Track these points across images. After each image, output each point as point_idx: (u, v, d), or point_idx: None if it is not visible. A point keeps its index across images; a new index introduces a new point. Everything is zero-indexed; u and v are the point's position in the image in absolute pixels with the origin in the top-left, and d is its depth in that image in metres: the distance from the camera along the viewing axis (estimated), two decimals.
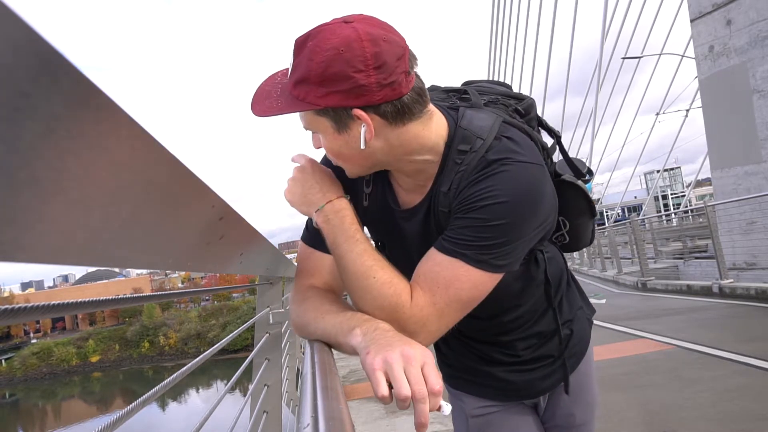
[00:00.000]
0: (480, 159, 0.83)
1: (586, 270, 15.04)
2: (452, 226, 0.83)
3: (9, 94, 0.22)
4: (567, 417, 1.16)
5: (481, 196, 0.80)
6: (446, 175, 0.86)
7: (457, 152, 0.85)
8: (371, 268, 0.83)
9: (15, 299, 51.80)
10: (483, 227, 0.79)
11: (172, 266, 0.58)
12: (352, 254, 0.83)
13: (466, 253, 0.80)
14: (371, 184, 0.97)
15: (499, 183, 0.80)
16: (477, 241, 0.80)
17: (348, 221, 0.86)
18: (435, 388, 0.66)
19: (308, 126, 0.84)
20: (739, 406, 2.84)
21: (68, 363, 42.80)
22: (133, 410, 0.68)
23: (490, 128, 0.86)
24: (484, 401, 1.15)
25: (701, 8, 8.44)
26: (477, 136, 0.85)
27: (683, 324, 5.33)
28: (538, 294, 1.05)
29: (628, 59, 20.02)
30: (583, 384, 1.16)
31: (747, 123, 7.80)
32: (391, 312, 0.81)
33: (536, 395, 1.14)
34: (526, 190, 0.81)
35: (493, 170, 0.81)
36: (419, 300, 0.82)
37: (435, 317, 0.82)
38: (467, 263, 0.80)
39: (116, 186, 0.34)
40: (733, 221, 7.96)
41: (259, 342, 1.81)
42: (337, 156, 0.85)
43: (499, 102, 0.98)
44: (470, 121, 0.87)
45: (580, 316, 1.16)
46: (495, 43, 40.29)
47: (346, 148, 0.82)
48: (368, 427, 3.32)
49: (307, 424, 0.51)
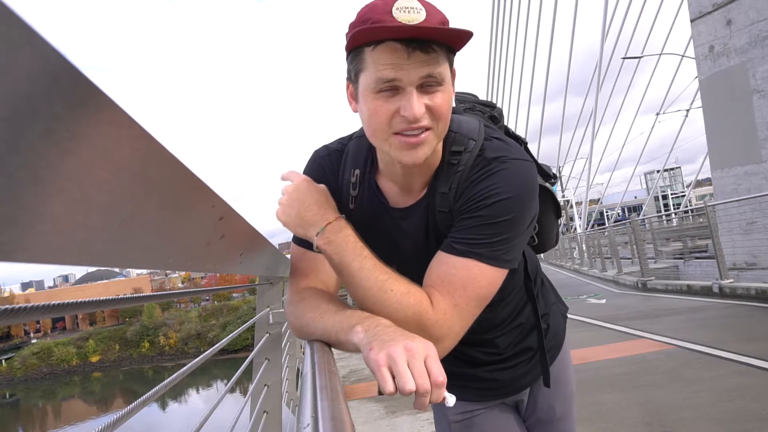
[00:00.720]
0: (477, 158, 0.86)
1: (586, 270, 15.04)
2: (459, 226, 0.85)
3: (9, 94, 0.22)
4: (548, 410, 1.20)
5: (486, 194, 0.83)
6: (444, 175, 0.88)
7: (451, 153, 0.88)
8: (386, 281, 0.82)
9: (15, 299, 51.84)
10: (492, 224, 0.82)
11: (172, 266, 0.58)
12: (364, 271, 0.82)
13: (480, 252, 0.82)
14: (357, 187, 0.97)
15: (502, 180, 0.83)
16: (488, 238, 0.82)
17: (352, 240, 0.85)
18: (438, 379, 0.67)
19: (442, 72, 0.78)
20: (739, 406, 2.84)
21: (68, 363, 42.81)
22: (133, 410, 0.68)
23: (478, 130, 0.89)
24: (467, 405, 1.18)
25: (701, 8, 8.44)
26: (468, 138, 0.88)
27: (683, 324, 5.33)
28: (518, 287, 1.10)
29: (628, 59, 20.02)
30: (561, 377, 1.21)
31: (747, 123, 7.81)
32: (416, 321, 0.81)
33: (518, 391, 1.18)
34: (525, 185, 0.84)
35: (494, 168, 0.84)
36: (441, 304, 0.82)
37: (458, 319, 0.83)
38: (481, 261, 0.82)
39: (116, 186, 0.34)
40: (733, 221, 7.96)
41: (259, 342, 1.81)
42: (448, 110, 0.81)
43: (476, 109, 1.02)
44: (459, 124, 0.90)
45: (555, 311, 1.22)
46: (495, 44, 40.30)
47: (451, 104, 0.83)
48: (368, 427, 3.32)
49: (307, 424, 0.51)
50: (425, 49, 0.75)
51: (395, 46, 0.75)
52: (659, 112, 27.97)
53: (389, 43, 0.75)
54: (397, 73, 0.76)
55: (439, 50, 0.77)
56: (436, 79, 0.77)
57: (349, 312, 0.82)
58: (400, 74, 0.76)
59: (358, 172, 0.97)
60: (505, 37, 37.31)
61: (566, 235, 26.76)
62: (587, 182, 30.42)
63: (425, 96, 0.78)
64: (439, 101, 0.78)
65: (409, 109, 0.77)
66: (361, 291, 0.83)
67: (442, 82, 0.78)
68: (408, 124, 0.78)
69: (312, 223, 0.86)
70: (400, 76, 0.76)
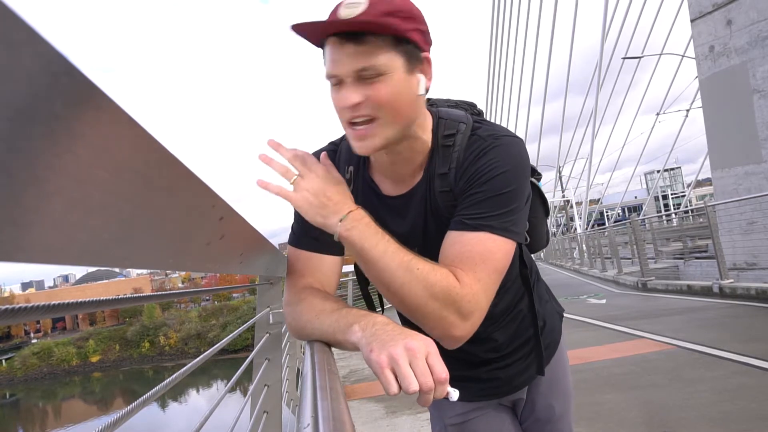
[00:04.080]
0: (471, 138, 0.91)
1: (587, 270, 15.04)
2: (467, 203, 0.88)
3: (9, 94, 0.22)
4: (547, 409, 1.21)
5: (488, 168, 0.87)
6: (441, 158, 0.92)
7: (444, 137, 0.92)
8: (411, 261, 0.82)
9: (15, 299, 51.84)
10: (498, 196, 0.86)
11: (172, 266, 0.58)
12: (389, 253, 0.83)
13: (492, 224, 0.85)
14: (352, 182, 1.00)
15: (499, 155, 0.87)
16: (496, 209, 0.85)
17: (373, 225, 0.85)
18: (441, 376, 0.67)
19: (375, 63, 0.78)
20: (739, 406, 2.84)
21: (68, 363, 42.82)
22: (133, 410, 0.68)
23: (465, 116, 0.94)
24: (465, 406, 1.19)
25: (701, 8, 8.44)
26: (458, 122, 0.93)
27: (683, 324, 5.33)
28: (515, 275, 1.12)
29: (628, 59, 20.02)
30: (559, 375, 1.23)
31: (747, 123, 7.80)
32: (445, 296, 0.81)
33: (517, 389, 1.19)
34: (520, 158, 0.89)
35: (490, 145, 0.89)
36: (465, 279, 0.83)
37: (482, 292, 0.84)
38: (494, 233, 0.85)
39: (116, 186, 0.34)
40: (733, 221, 7.96)
41: (259, 342, 1.81)
42: (393, 102, 0.81)
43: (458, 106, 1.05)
44: (448, 113, 0.95)
45: (551, 310, 1.24)
46: (495, 46, 40.30)
47: (406, 93, 0.83)
48: (368, 427, 3.32)
49: (307, 424, 0.51)
50: (358, 42, 0.77)
51: (333, 41, 0.79)
52: (659, 112, 27.96)
53: (330, 39, 0.80)
54: (335, 68, 0.80)
55: (377, 41, 0.78)
56: (374, 70, 0.79)
57: (346, 311, 0.82)
58: (337, 68, 0.80)
59: (352, 169, 1.00)
60: (505, 37, 37.32)
61: (566, 235, 26.74)
62: (587, 182, 30.41)
63: (366, 87, 0.80)
64: (378, 91, 0.80)
65: (342, 99, 0.81)
66: (387, 273, 0.83)
67: (383, 72, 0.79)
68: (351, 113, 0.81)
69: (335, 211, 0.85)
70: (338, 70, 0.80)
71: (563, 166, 37.38)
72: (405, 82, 0.81)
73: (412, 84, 0.83)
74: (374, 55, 0.78)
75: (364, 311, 0.81)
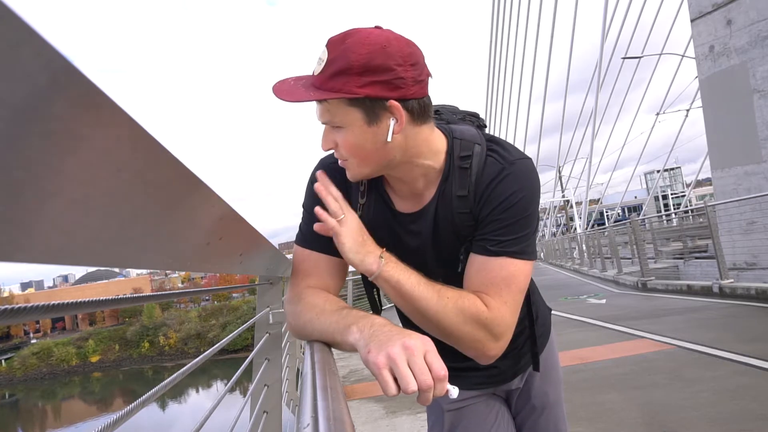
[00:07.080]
0: (488, 161, 0.93)
1: (587, 270, 15.04)
2: (488, 229, 0.91)
3: (9, 94, 0.22)
4: (542, 396, 1.26)
5: (507, 195, 0.90)
6: (458, 179, 0.94)
7: (460, 158, 0.94)
8: (440, 290, 0.89)
9: (15, 299, 51.83)
10: (517, 222, 0.90)
11: (172, 266, 0.58)
12: (421, 285, 0.89)
13: (513, 249, 0.90)
14: (365, 195, 1.01)
15: (518, 181, 0.91)
16: (515, 234, 0.90)
17: (402, 263, 0.92)
18: (440, 373, 0.68)
19: (333, 119, 0.85)
20: (739, 406, 2.84)
21: (68, 363, 42.77)
22: (133, 410, 0.68)
23: (478, 135, 0.96)
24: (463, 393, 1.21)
25: (701, 8, 8.44)
26: (474, 143, 0.94)
27: (683, 324, 5.33)
28: None
29: (628, 59, 20.02)
30: (552, 364, 1.30)
31: (747, 123, 7.80)
32: (476, 321, 0.87)
33: (514, 377, 1.23)
34: (535, 181, 0.93)
35: (507, 170, 0.91)
36: (492, 303, 0.89)
37: (509, 314, 0.90)
38: (516, 258, 0.90)
39: (116, 186, 0.34)
40: (733, 221, 7.95)
41: (259, 342, 1.81)
42: (356, 151, 0.87)
43: (466, 119, 1.08)
44: (462, 132, 0.96)
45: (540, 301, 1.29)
46: (495, 46, 40.29)
47: (370, 142, 0.85)
48: (368, 427, 3.32)
49: (307, 424, 0.51)
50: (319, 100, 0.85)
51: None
52: (659, 112, 27.95)
53: None
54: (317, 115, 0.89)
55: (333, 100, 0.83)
56: (335, 123, 0.86)
57: (345, 312, 0.82)
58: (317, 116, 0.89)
59: (366, 181, 1.01)
60: (505, 37, 37.32)
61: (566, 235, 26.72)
62: (587, 182, 30.40)
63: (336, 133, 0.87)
64: (343, 141, 0.86)
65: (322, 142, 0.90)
66: (422, 303, 0.88)
67: (342, 126, 0.85)
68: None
69: (370, 250, 0.92)
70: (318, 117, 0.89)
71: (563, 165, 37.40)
72: (367, 134, 0.85)
73: (377, 133, 0.85)
74: (331, 112, 0.85)
75: (364, 312, 0.82)
